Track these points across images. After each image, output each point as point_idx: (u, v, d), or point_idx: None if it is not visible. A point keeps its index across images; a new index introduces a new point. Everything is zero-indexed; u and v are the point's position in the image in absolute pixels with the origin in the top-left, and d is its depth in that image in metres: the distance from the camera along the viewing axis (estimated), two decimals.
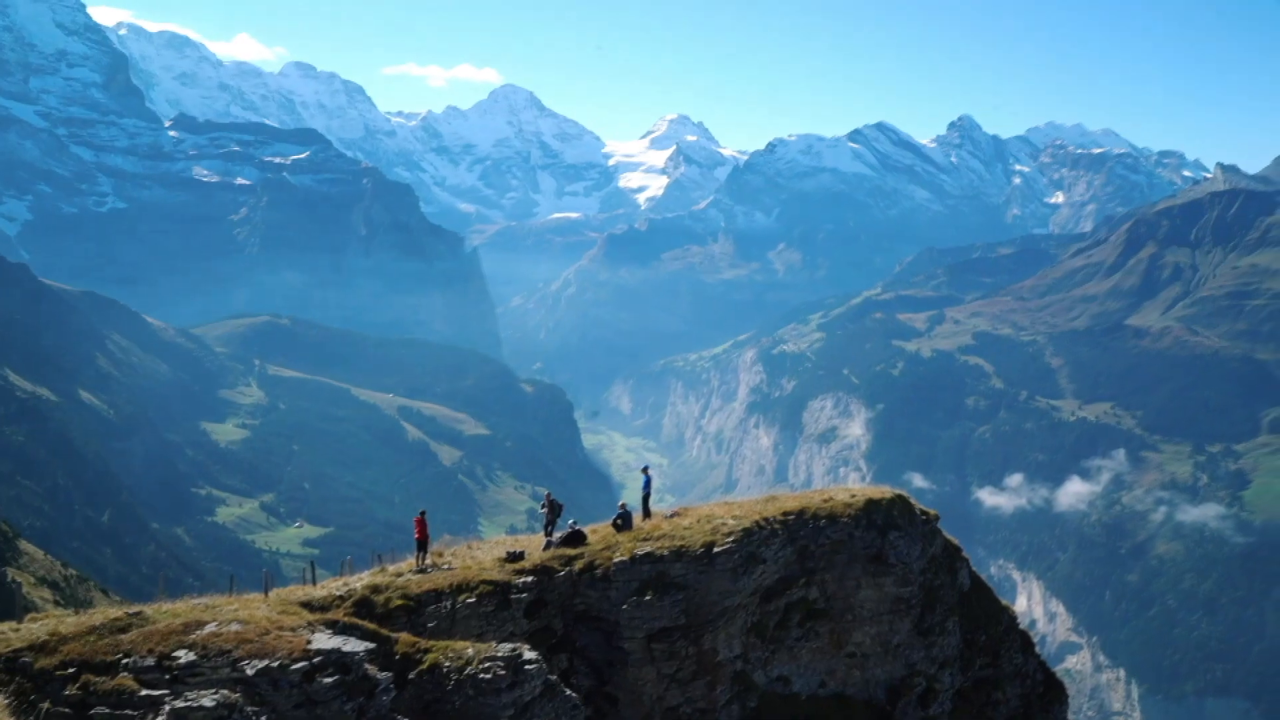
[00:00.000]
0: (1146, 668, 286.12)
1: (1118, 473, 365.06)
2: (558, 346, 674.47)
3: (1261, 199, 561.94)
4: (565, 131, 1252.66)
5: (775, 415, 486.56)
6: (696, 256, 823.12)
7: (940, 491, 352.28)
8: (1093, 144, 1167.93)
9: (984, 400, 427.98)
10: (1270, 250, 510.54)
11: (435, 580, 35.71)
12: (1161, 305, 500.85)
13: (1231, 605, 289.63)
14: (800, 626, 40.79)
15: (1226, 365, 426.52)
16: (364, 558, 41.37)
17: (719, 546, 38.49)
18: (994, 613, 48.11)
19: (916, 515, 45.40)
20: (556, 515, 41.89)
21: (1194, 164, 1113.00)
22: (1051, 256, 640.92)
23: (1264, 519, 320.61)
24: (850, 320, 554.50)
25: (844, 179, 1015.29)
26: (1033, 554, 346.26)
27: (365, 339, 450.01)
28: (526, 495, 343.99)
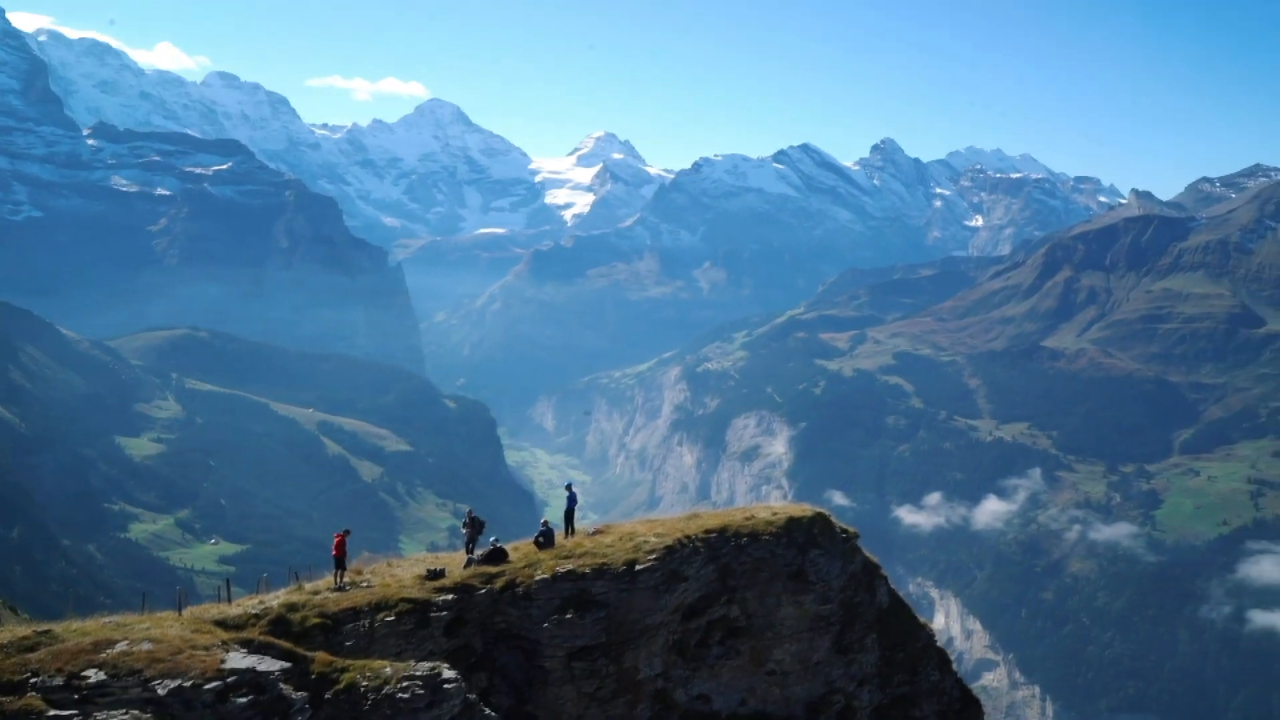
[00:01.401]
0: (1061, 684, 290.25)
1: (1034, 492, 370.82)
2: (482, 362, 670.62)
3: (1174, 225, 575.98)
4: (492, 147, 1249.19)
5: (699, 433, 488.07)
6: (622, 274, 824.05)
7: (860, 510, 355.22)
8: (1011, 169, 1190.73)
9: (904, 420, 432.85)
10: (1182, 275, 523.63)
11: (353, 598, 35.25)
12: (1077, 328, 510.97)
13: (1144, 623, 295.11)
14: (721, 644, 40.86)
15: (1139, 387, 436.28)
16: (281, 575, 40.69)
17: (641, 564, 38.48)
18: (912, 630, 48.55)
19: (837, 533, 45.74)
20: (478, 532, 41.62)
21: (1109, 189, 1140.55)
22: (971, 278, 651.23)
23: (1175, 538, 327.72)
24: (774, 339, 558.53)
25: (769, 199, 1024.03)
26: (950, 572, 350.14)
27: (286, 353, 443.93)
28: (448, 512, 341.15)
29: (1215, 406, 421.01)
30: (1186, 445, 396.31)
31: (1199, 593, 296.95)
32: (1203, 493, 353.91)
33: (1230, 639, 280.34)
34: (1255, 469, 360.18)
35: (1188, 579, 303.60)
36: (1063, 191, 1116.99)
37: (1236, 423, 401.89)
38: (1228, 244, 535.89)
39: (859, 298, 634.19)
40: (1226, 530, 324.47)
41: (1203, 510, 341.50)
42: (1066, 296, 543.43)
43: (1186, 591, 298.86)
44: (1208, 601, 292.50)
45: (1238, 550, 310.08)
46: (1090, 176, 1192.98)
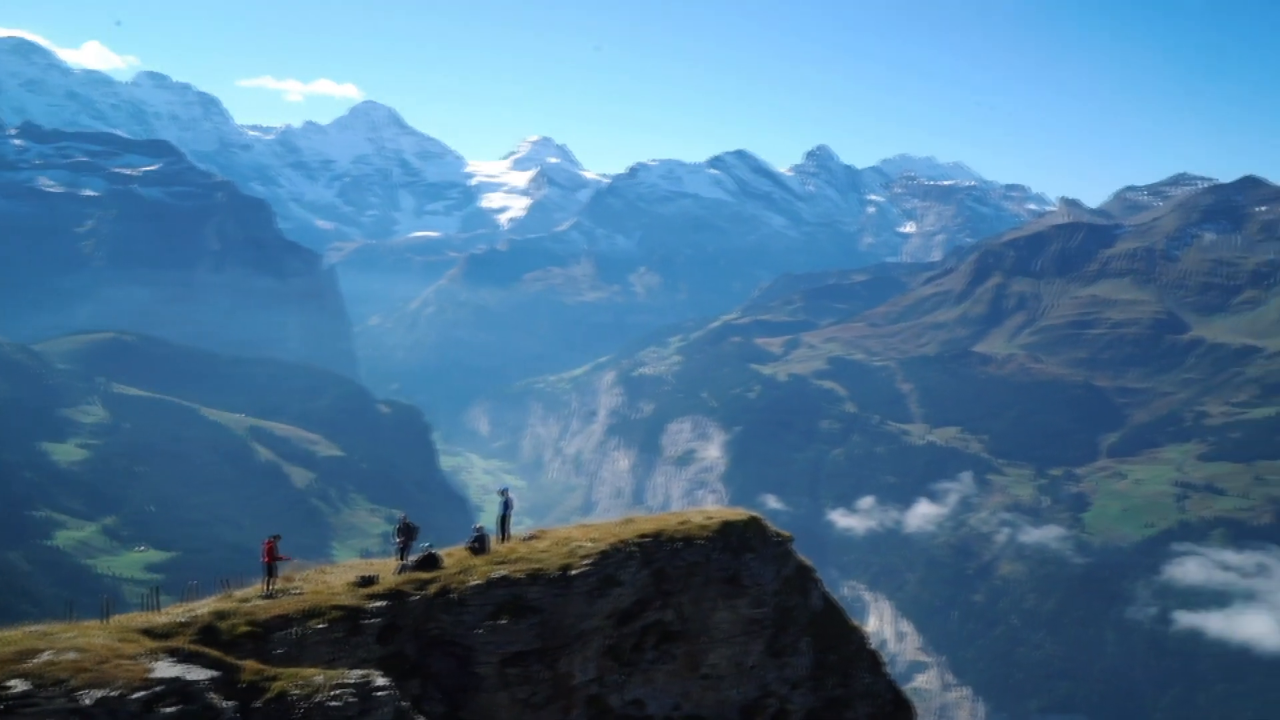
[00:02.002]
0: (992, 686, 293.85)
1: (964, 495, 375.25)
2: (416, 367, 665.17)
3: (1101, 232, 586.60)
4: (427, 150, 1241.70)
5: (634, 437, 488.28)
6: (557, 278, 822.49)
7: (794, 513, 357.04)
8: (943, 176, 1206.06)
9: (837, 424, 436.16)
10: (1109, 281, 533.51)
11: (284, 606, 34.79)
12: (1007, 333, 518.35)
13: (1072, 624, 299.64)
14: (656, 649, 40.88)
15: (1067, 392, 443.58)
16: (210, 583, 40.06)
17: (575, 569, 38.41)
18: (845, 633, 48.89)
19: (770, 537, 45.97)
20: (411, 538, 41.28)
21: (1038, 197, 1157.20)
22: (903, 284, 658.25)
23: (1102, 540, 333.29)
24: (708, 344, 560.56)
25: (704, 204, 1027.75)
26: (883, 575, 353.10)
27: (215, 357, 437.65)
28: (381, 518, 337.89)
29: (1141, 411, 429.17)
30: (1113, 449, 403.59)
31: (1126, 594, 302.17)
32: (1129, 496, 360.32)
33: (1156, 639, 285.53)
34: (1180, 472, 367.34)
35: (1115, 580, 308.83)
36: (993, 199, 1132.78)
37: (1162, 427, 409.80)
38: (1153, 251, 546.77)
39: (793, 303, 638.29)
40: (1152, 532, 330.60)
41: (1129, 513, 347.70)
42: (996, 302, 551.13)
43: (1113, 593, 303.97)
44: (1134, 603, 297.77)
45: (1163, 552, 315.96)
46: (1020, 185, 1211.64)
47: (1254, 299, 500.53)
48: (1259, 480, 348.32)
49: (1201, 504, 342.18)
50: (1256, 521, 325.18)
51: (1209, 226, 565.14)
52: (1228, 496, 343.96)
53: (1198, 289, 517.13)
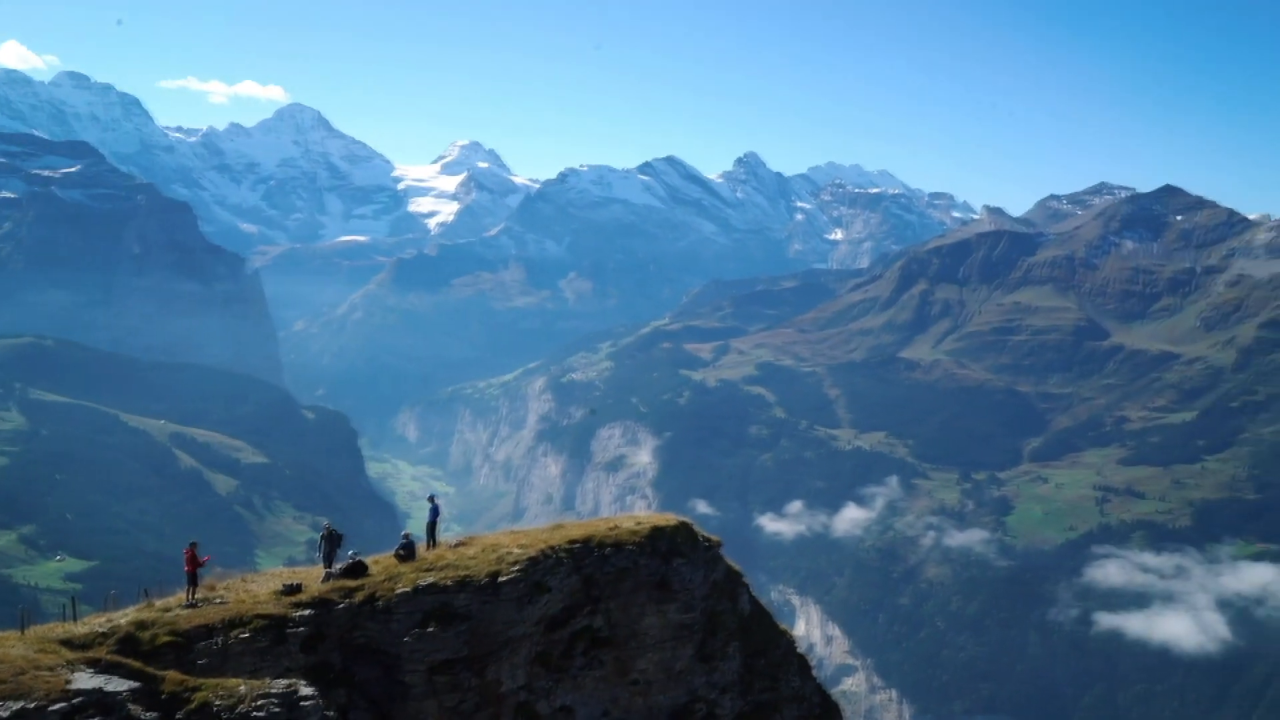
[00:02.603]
0: (918, 688, 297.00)
1: (891, 499, 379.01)
2: (342, 372, 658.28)
3: (1024, 240, 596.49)
4: (354, 153, 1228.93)
5: (564, 443, 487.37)
6: (487, 283, 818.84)
7: (724, 518, 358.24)
8: (870, 184, 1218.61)
9: (766, 429, 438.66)
10: (1031, 289, 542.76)
11: (206, 615, 34.31)
12: (932, 339, 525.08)
13: (996, 626, 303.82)
14: (585, 655, 40.86)
15: (991, 397, 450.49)
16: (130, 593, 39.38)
17: (504, 576, 38.27)
18: (773, 637, 49.21)
19: (700, 542, 46.12)
20: (336, 546, 40.83)
21: (963, 205, 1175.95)
22: (831, 291, 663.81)
23: (1025, 544, 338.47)
24: (639, 349, 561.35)
25: (634, 210, 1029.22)
26: (811, 579, 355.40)
27: (136, 362, 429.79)
28: (306, 526, 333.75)
29: (1063, 416, 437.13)
30: (1036, 453, 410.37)
31: (1048, 596, 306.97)
32: (1051, 499, 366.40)
33: (1078, 641, 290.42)
34: (1100, 476, 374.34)
35: (1037, 583, 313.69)
36: (919, 207, 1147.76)
37: (1083, 431, 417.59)
38: (1074, 259, 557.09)
39: (723, 309, 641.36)
40: (1074, 535, 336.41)
41: (1051, 516, 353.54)
42: (922, 309, 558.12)
43: (1036, 595, 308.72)
44: (1056, 604, 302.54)
45: (1084, 555, 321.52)
46: (945, 193, 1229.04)
47: (1171, 306, 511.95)
48: (1177, 484, 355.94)
49: (1121, 507, 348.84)
50: (1175, 524, 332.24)
51: (1129, 235, 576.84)
52: (1147, 500, 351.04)
53: (1118, 296, 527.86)
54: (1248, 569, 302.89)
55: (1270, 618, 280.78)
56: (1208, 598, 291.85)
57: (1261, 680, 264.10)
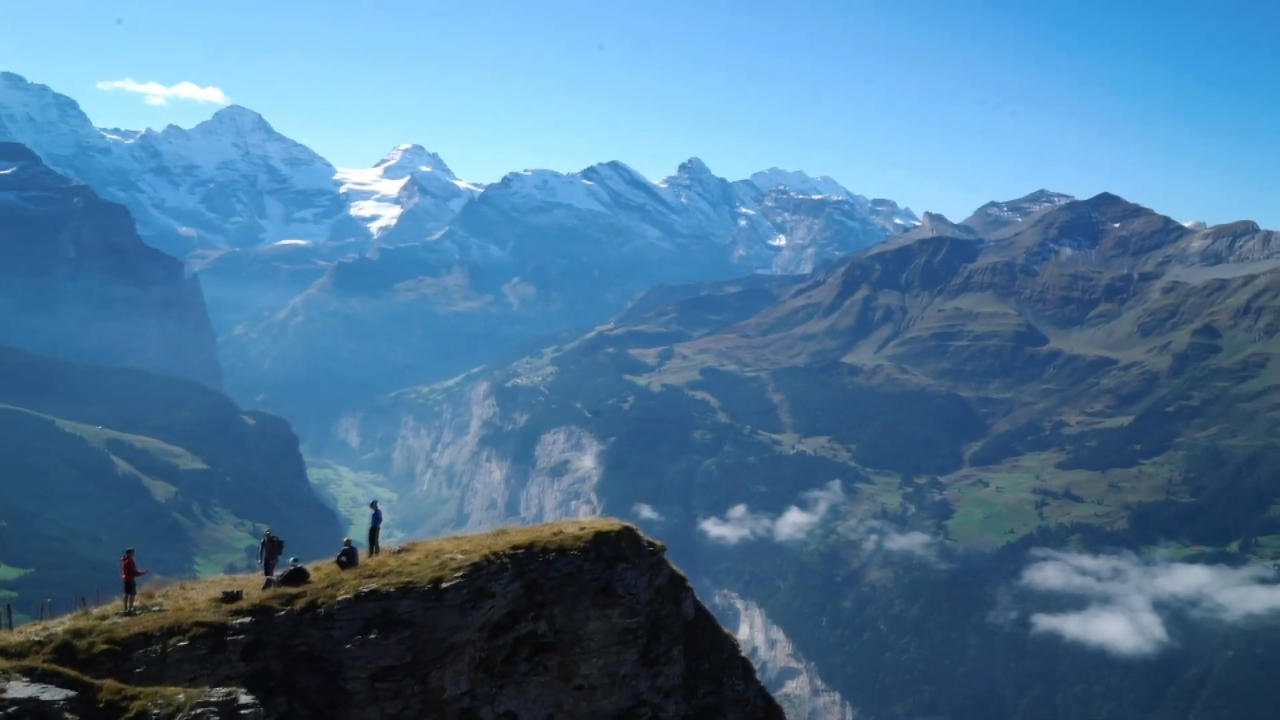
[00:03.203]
0: (860, 690, 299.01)
1: (834, 503, 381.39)
2: (283, 377, 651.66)
3: (964, 247, 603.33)
4: (295, 156, 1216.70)
5: (507, 449, 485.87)
6: (430, 288, 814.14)
7: (668, 523, 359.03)
8: (813, 190, 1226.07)
9: (710, 434, 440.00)
10: (972, 295, 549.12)
11: (144, 623, 33.84)
12: (874, 345, 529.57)
13: (937, 629, 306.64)
14: (528, 661, 40.76)
15: (932, 402, 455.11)
16: (66, 600, 38.80)
17: (447, 582, 38.10)
18: (717, 641, 49.36)
19: (644, 547, 46.18)
20: (277, 553, 40.48)
21: (904, 212, 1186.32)
22: (774, 296, 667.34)
23: (965, 547, 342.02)
24: (583, 354, 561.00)
25: (578, 215, 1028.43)
26: (755, 583, 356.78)
27: (72, 367, 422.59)
28: (247, 532, 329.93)
29: (1002, 420, 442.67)
30: (976, 457, 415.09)
31: (988, 599, 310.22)
32: (991, 503, 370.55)
33: (1017, 643, 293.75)
34: (1039, 480, 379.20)
35: (977, 586, 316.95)
36: (861, 213, 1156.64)
37: (1022, 436, 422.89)
38: (1014, 265, 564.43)
39: (667, 314, 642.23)
40: (1013, 538, 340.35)
41: (991, 520, 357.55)
42: (864, 314, 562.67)
43: (976, 598, 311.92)
44: (995, 607, 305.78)
45: (1023, 557, 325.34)
46: (887, 199, 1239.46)
47: (1109, 312, 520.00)
48: (1114, 487, 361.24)
49: (1060, 511, 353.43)
50: (1111, 527, 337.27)
51: (1067, 242, 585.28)
52: (1084, 503, 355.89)
53: (1056, 302, 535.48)
54: (1182, 571, 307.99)
55: (1204, 619, 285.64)
56: (1143, 599, 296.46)
57: (1196, 681, 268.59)
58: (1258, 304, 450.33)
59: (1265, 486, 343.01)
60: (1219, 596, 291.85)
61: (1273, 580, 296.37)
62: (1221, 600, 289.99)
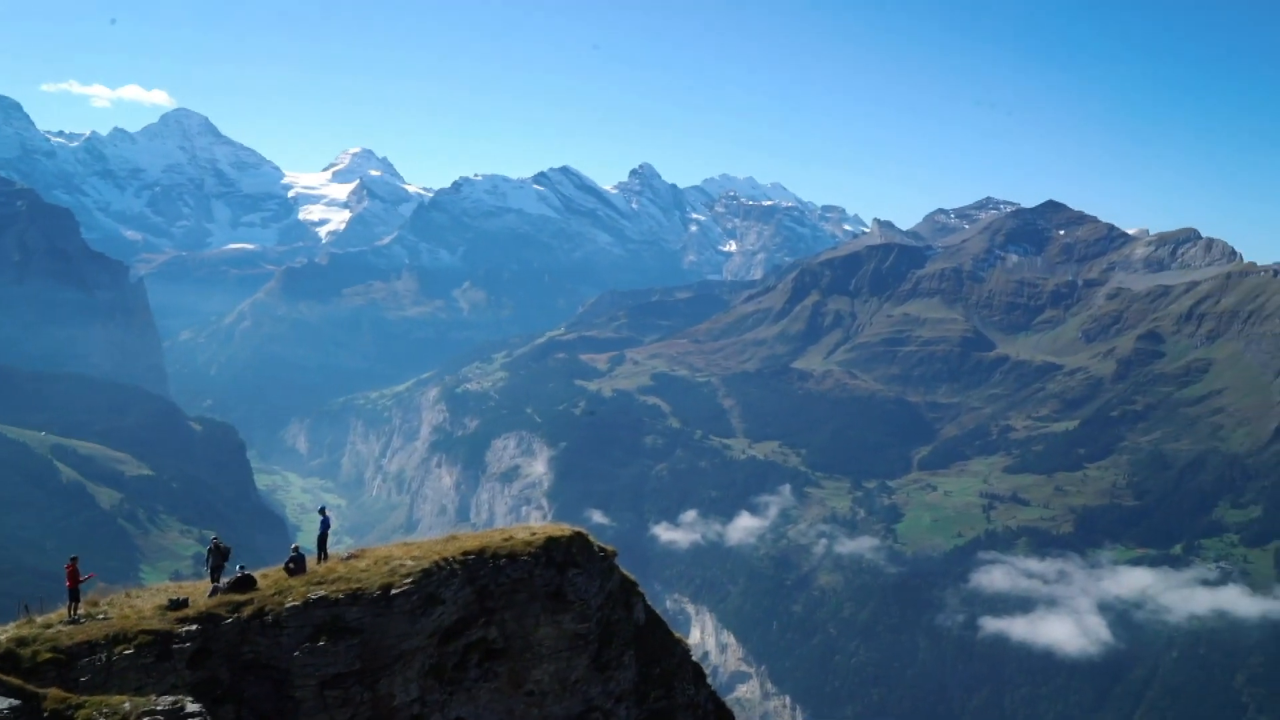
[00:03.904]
0: (811, 694, 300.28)
1: (784, 508, 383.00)
2: (230, 383, 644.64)
3: (913, 253, 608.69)
4: (242, 160, 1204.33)
5: (458, 454, 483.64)
6: (379, 293, 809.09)
7: (619, 528, 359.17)
8: (763, 196, 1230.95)
9: (661, 439, 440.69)
10: (920, 300, 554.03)
11: (89, 631, 33.44)
12: (824, 350, 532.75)
13: (886, 632, 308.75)
14: (479, 667, 40.65)
15: (882, 407, 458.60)
16: (10, 608, 38.24)
17: (397, 588, 37.92)
18: (668, 645, 49.49)
19: (595, 552, 46.21)
20: (224, 560, 40.05)
21: (854, 219, 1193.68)
22: (725, 302, 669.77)
23: (914, 550, 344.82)
24: (534, 360, 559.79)
25: (529, 220, 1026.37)
26: (706, 587, 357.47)
27: (15, 372, 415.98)
28: (193, 540, 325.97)
29: (950, 425, 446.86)
30: (924, 462, 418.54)
31: (936, 602, 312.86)
32: (939, 507, 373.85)
33: (965, 645, 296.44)
34: (987, 484, 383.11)
35: (926, 589, 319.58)
36: (811, 220, 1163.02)
37: (970, 440, 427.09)
38: (961, 272, 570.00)
39: (618, 319, 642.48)
40: (961, 542, 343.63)
41: (939, 523, 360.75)
42: (814, 320, 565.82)
43: (925, 601, 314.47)
44: (944, 610, 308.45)
45: (971, 561, 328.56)
46: (836, 206, 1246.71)
47: (1054, 318, 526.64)
48: (1059, 491, 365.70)
49: (1007, 514, 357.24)
50: (1057, 530, 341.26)
51: (1013, 248, 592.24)
52: (1031, 507, 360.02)
53: (1003, 308, 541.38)
54: (1126, 573, 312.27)
55: (1148, 620, 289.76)
56: (1089, 601, 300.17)
57: (1141, 682, 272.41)
58: (1200, 310, 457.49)
59: (1208, 490, 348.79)
60: (1163, 598, 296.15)
61: (1215, 582, 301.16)
62: (1165, 602, 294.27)
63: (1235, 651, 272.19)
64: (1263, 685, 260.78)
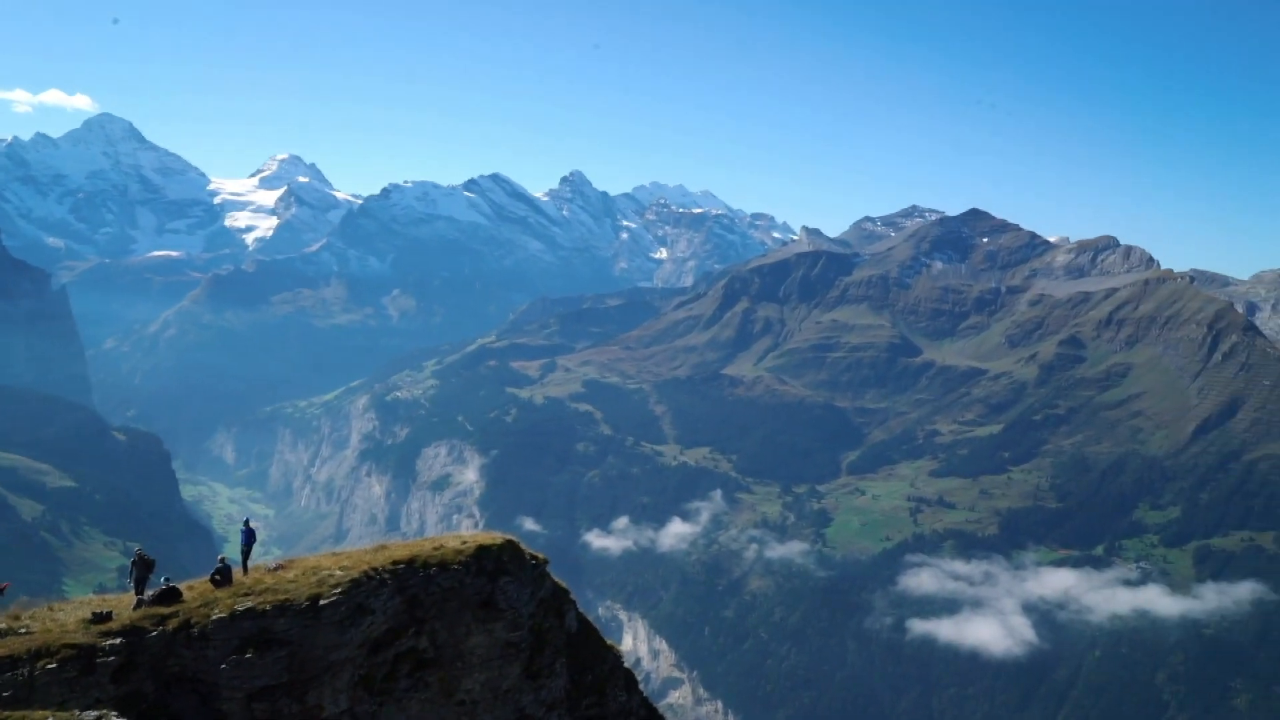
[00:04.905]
0: (742, 698, 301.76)
1: (715, 514, 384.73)
2: (155, 392, 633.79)
3: (841, 260, 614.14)
4: (168, 166, 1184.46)
5: (388, 463, 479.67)
6: (308, 300, 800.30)
7: (551, 536, 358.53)
8: (693, 204, 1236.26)
9: (593, 446, 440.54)
10: (848, 307, 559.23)
11: (10, 645, 32.91)
12: (754, 356, 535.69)
13: (816, 635, 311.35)
14: (409, 677, 40.48)
15: (811, 412, 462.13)
16: None
17: (325, 599, 37.70)
18: (600, 653, 49.62)
19: (526, 560, 46.22)
20: (148, 572, 39.57)
21: (783, 226, 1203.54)
22: (656, 309, 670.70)
23: (843, 554, 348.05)
24: (464, 367, 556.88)
25: (459, 227, 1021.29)
26: (638, 594, 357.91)
27: None
28: (118, 552, 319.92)
29: (878, 430, 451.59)
30: (853, 466, 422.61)
31: (865, 605, 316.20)
32: (868, 510, 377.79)
33: (893, 647, 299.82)
34: (914, 487, 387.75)
35: (855, 592, 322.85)
36: (740, 227, 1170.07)
37: (897, 444, 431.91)
38: (888, 279, 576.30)
39: (549, 326, 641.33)
40: (889, 545, 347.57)
41: (868, 527, 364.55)
42: (744, 327, 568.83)
43: (854, 604, 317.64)
44: (872, 613, 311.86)
45: (899, 564, 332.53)
46: (765, 214, 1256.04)
47: (978, 324, 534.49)
48: (984, 494, 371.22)
49: (933, 517, 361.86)
50: (983, 533, 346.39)
51: (938, 256, 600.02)
52: (957, 510, 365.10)
53: (928, 315, 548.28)
54: (1050, 574, 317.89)
55: (1071, 620, 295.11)
56: (1014, 602, 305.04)
57: (1065, 681, 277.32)
58: (1119, 316, 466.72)
59: (1128, 491, 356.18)
60: (1085, 598, 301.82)
61: (1136, 582, 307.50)
62: (1088, 602, 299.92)
63: (1156, 650, 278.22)
64: (1183, 683, 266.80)
